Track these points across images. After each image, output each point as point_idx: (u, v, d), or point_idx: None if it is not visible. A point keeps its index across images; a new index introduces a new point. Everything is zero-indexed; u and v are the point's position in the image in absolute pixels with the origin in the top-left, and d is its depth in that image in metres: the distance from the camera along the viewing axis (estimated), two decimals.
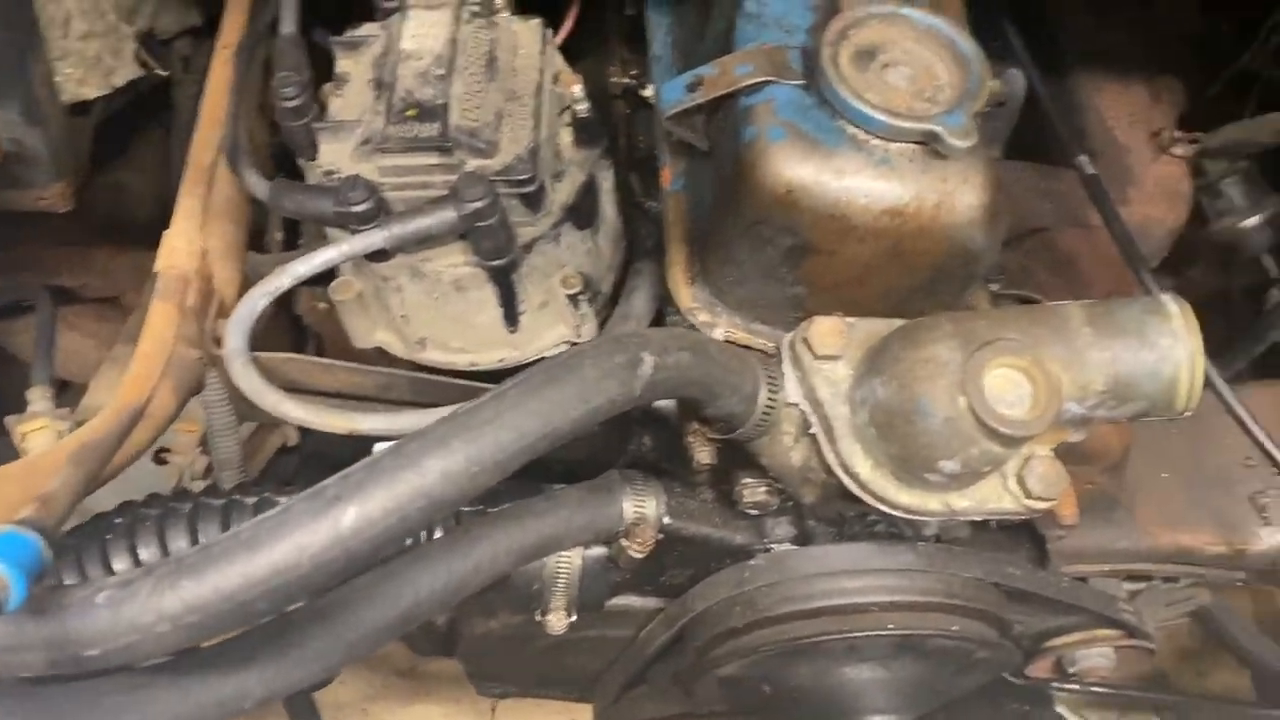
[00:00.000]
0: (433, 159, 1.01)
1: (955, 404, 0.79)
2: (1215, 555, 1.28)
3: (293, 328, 1.51)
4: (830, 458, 0.88)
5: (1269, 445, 0.99)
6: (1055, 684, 1.35)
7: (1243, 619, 1.64)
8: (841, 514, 1.09)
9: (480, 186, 0.97)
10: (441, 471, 0.64)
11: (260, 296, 0.94)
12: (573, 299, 1.12)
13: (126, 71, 1.04)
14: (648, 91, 1.21)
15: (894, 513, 0.88)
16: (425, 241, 1.01)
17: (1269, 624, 1.76)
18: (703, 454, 0.97)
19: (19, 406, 1.12)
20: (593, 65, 1.34)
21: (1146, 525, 1.26)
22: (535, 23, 1.11)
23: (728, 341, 0.99)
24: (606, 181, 1.15)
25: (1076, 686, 1.33)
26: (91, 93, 0.99)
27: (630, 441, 1.18)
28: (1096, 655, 1.31)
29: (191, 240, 0.89)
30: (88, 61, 0.98)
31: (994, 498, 0.87)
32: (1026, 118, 1.14)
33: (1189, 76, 1.39)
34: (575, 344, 1.18)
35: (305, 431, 1.32)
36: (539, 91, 1.06)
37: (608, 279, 1.19)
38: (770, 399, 0.89)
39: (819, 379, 0.88)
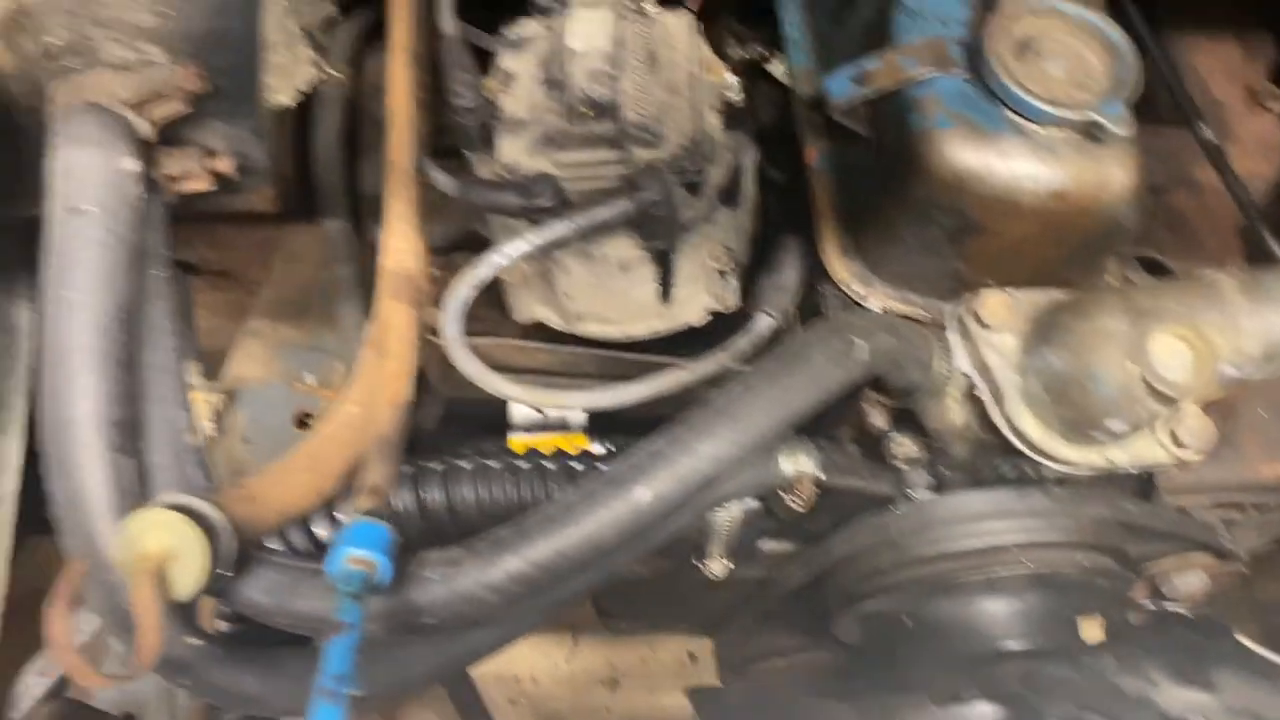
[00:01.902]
0: (608, 153, 1.08)
1: (1126, 370, 0.88)
2: None
3: None
4: (999, 420, 0.97)
5: None
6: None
7: None
8: (977, 464, 1.20)
9: (655, 179, 1.05)
10: (713, 455, 0.73)
11: (468, 286, 1.02)
12: (721, 272, 1.21)
13: (305, 76, 1.12)
14: (775, 68, 1.28)
15: (1058, 467, 0.97)
16: (601, 230, 1.09)
17: None
18: (877, 418, 1.06)
19: None
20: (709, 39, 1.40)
21: (1250, 459, 1.35)
22: (686, 16, 1.17)
23: (884, 311, 1.08)
24: (748, 160, 1.22)
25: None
26: (285, 100, 1.06)
27: None
28: (1192, 578, 1.42)
29: (412, 240, 0.97)
30: (278, 70, 1.05)
31: (1148, 451, 0.96)
32: None
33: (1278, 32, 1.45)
34: (720, 312, 1.27)
35: None
36: (694, 83, 1.13)
37: (747, 250, 1.27)
38: (946, 367, 0.98)
39: (987, 348, 0.97)
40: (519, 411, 1.35)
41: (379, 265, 0.99)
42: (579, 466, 1.22)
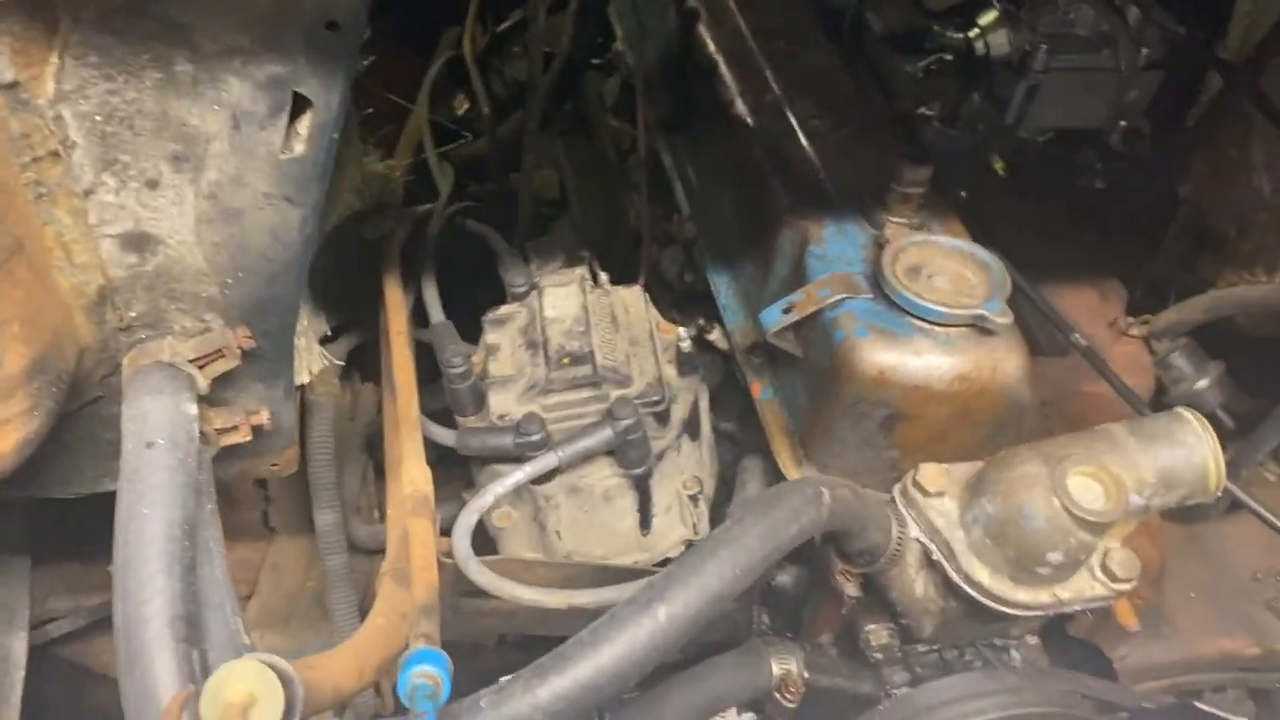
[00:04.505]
0: (587, 393, 1.27)
1: (1051, 505, 1.03)
2: (1253, 656, 1.48)
3: None
4: (953, 574, 1.09)
5: None
6: None
7: None
8: (944, 656, 1.29)
9: (629, 408, 1.23)
10: (718, 574, 0.85)
11: (473, 511, 1.16)
12: (693, 498, 1.36)
13: (317, 362, 1.30)
14: (714, 335, 1.50)
15: (1013, 610, 1.09)
16: (585, 459, 1.25)
17: None
18: (849, 587, 1.18)
19: None
20: None
21: (1190, 636, 1.47)
22: (637, 289, 1.41)
23: None
24: (704, 403, 1.41)
25: None
26: (303, 378, 1.24)
27: (752, 622, 1.38)
28: None
29: (424, 471, 1.12)
30: (302, 354, 1.23)
31: (1088, 587, 1.09)
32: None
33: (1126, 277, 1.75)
34: (693, 541, 1.40)
35: None
36: (651, 336, 1.35)
37: (709, 483, 1.43)
38: (900, 532, 1.11)
39: (932, 512, 1.11)
40: None
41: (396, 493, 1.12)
42: None
